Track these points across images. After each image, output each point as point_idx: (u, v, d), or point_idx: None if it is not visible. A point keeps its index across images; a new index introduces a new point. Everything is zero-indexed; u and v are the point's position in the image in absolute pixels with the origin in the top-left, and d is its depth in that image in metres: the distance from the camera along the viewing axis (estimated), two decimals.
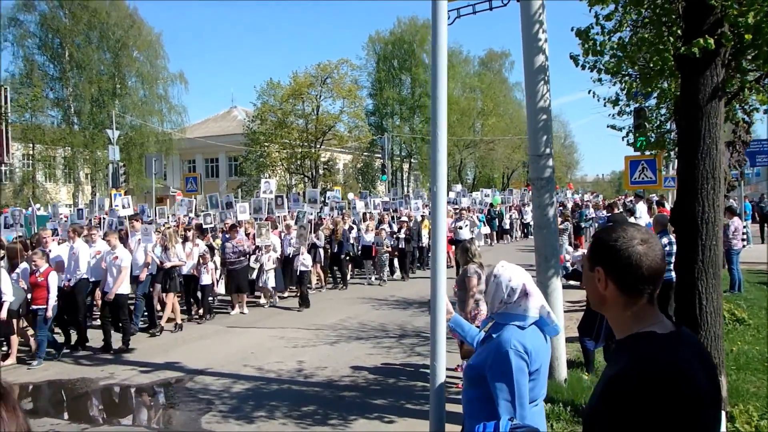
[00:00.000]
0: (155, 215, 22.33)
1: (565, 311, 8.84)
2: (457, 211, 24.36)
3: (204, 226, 18.47)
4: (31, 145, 43.90)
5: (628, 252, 2.00)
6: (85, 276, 12.35)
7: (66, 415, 8.60)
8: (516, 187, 54.14)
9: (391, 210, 24.71)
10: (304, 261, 15.81)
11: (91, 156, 45.37)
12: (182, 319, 13.79)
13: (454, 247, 17.25)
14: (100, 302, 12.39)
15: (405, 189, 58.75)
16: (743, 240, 17.90)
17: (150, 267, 13.35)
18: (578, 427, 6.77)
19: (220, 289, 16.34)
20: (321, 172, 53.57)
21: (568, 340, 8.94)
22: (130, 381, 9.87)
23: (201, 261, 14.44)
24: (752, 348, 9.65)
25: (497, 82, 71.03)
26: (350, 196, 31.85)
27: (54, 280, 11.08)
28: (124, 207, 17.68)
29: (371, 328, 13.01)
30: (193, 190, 26.92)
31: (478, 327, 3.96)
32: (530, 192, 36.82)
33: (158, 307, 13.92)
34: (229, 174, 59.80)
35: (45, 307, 10.85)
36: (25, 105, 38.39)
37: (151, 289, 13.57)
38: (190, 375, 9.98)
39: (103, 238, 12.96)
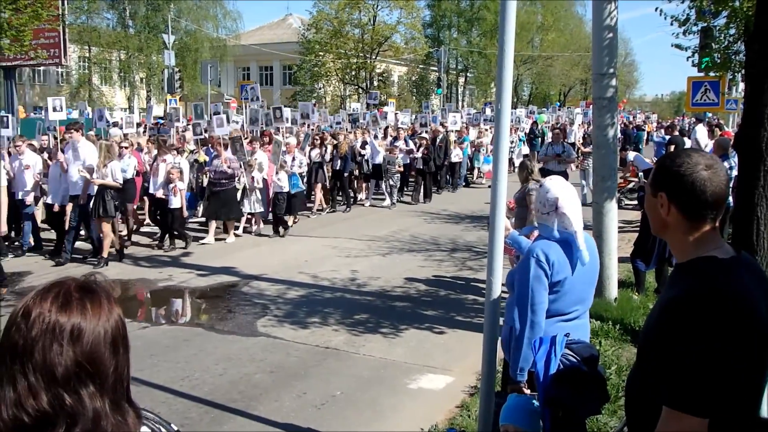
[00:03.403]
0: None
1: (618, 231, 8.82)
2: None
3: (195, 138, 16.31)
4: (87, 47, 44.14)
5: (692, 177, 1.98)
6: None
7: (126, 314, 8.65)
8: (572, 105, 53.09)
9: (417, 125, 22.27)
10: (278, 181, 13.83)
11: (146, 60, 45.64)
12: (116, 250, 11.59)
13: None
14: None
15: (460, 103, 58.00)
16: None
17: (90, 188, 11.24)
18: (626, 344, 6.85)
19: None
20: (375, 83, 53.17)
21: (620, 260, 8.93)
22: (187, 284, 10.18)
23: (169, 180, 12.32)
24: None
25: None
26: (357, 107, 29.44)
27: None
28: (55, 110, 13.78)
29: (423, 241, 13.17)
30: (248, 98, 26.69)
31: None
32: (575, 111, 36.25)
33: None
34: (283, 82, 59.61)
35: None
36: (81, 7, 38.11)
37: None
38: (246, 280, 10.23)
39: None
